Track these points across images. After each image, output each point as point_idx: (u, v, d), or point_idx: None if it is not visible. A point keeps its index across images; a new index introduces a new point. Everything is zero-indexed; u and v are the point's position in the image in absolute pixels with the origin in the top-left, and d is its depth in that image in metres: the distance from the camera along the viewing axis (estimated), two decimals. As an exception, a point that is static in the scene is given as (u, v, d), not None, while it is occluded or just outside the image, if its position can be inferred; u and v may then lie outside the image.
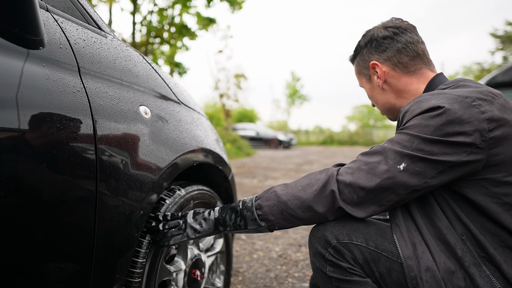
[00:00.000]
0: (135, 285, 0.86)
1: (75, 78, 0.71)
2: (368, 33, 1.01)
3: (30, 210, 0.58)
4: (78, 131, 0.67)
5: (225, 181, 1.39)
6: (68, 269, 0.67)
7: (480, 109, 0.72)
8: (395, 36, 0.95)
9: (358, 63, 1.04)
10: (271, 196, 0.87)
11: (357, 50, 1.04)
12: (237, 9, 10.32)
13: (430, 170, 0.74)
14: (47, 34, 0.68)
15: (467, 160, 0.72)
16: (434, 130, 0.73)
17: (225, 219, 0.90)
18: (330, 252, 0.82)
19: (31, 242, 0.59)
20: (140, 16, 10.08)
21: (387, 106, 1.01)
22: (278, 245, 2.48)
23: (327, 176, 0.83)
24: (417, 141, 0.74)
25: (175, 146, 0.98)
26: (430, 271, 0.74)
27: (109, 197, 0.74)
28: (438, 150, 0.72)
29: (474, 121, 0.71)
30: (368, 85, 1.04)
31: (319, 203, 0.82)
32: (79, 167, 0.67)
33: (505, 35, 15.34)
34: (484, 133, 0.71)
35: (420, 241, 0.78)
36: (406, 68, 0.94)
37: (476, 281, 0.73)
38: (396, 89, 0.96)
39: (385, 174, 0.76)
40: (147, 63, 1.05)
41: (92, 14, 0.91)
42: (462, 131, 0.71)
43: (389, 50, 0.95)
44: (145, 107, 0.91)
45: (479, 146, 0.71)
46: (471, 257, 0.75)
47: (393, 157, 0.76)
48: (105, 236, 0.73)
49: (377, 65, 0.97)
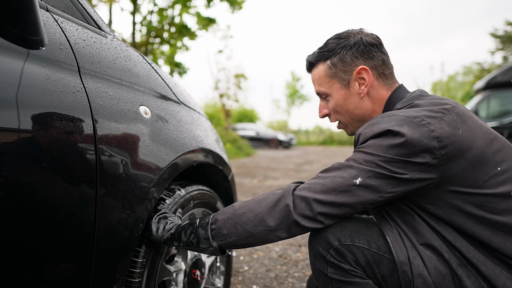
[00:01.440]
0: (135, 285, 0.86)
1: (75, 78, 0.71)
2: (349, 35, 0.94)
3: (30, 210, 0.58)
4: (78, 131, 0.67)
5: (225, 181, 1.39)
6: (68, 269, 0.67)
7: (429, 127, 0.74)
8: (380, 47, 0.94)
9: (334, 64, 0.94)
10: (228, 210, 0.86)
11: (332, 51, 0.95)
12: (237, 9, 10.32)
13: (385, 185, 0.76)
14: (47, 34, 0.68)
15: (420, 178, 0.75)
16: (387, 150, 0.75)
17: (181, 234, 0.87)
18: (331, 254, 0.81)
19: (31, 242, 0.59)
20: (140, 16, 10.08)
21: (359, 117, 0.96)
22: (278, 245, 2.48)
23: (283, 191, 0.83)
24: (372, 158, 0.76)
25: (175, 146, 0.98)
26: (421, 277, 0.75)
27: (109, 197, 0.74)
28: (391, 168, 0.75)
29: (424, 140, 0.73)
30: (342, 91, 0.95)
31: (272, 217, 0.80)
32: (79, 167, 0.67)
33: (505, 35, 15.34)
34: (434, 151, 0.73)
35: (411, 246, 0.79)
36: (387, 80, 0.94)
37: (464, 282, 0.74)
38: (374, 100, 0.94)
39: (341, 187, 0.77)
40: (147, 63, 1.05)
41: (92, 14, 0.91)
42: (413, 151, 0.73)
43: (376, 58, 0.93)
44: (145, 107, 0.91)
45: (431, 163, 0.74)
46: (456, 258, 0.77)
47: (349, 172, 0.78)
48: (105, 236, 0.73)
49: (367, 70, 0.92)
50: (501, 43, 15.77)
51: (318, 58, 0.98)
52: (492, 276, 0.74)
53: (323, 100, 1.02)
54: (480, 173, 0.76)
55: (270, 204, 0.81)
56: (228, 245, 0.84)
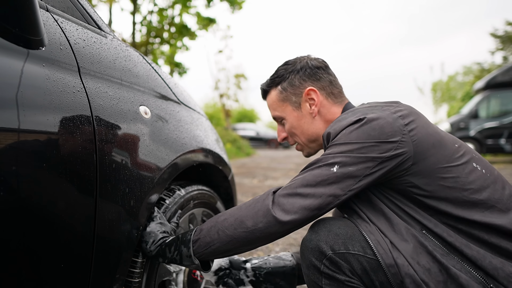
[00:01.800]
0: (135, 285, 0.86)
1: (75, 78, 0.71)
2: (296, 61, 1.01)
3: (30, 210, 0.58)
4: (78, 131, 0.67)
5: (225, 181, 1.39)
6: (68, 269, 0.67)
7: (391, 110, 0.81)
8: (326, 69, 1.01)
9: (285, 89, 1.00)
10: (212, 219, 0.86)
11: (282, 76, 1.01)
12: (237, 9, 10.31)
13: (363, 169, 0.77)
14: (47, 34, 0.68)
15: (395, 154, 0.76)
16: (358, 136, 0.78)
17: (165, 251, 0.86)
18: (325, 264, 0.78)
19: (30, 242, 0.59)
20: (140, 16, 10.07)
21: (314, 136, 1.00)
22: (278, 245, 2.48)
23: (264, 194, 0.83)
24: (346, 147, 0.78)
25: (175, 146, 0.98)
26: (408, 276, 0.74)
27: (109, 197, 0.74)
28: (367, 151, 0.77)
29: (390, 121, 0.78)
30: (295, 113, 1.00)
31: (250, 218, 0.79)
32: (79, 167, 0.67)
33: (505, 35, 15.34)
34: (402, 128, 0.78)
35: (392, 246, 0.77)
36: (336, 98, 1.00)
37: (451, 269, 0.73)
38: (326, 119, 0.99)
39: (320, 177, 0.77)
40: (147, 63, 1.05)
41: (92, 14, 0.91)
42: (383, 131, 0.77)
43: (323, 80, 0.99)
44: (145, 107, 0.91)
45: (402, 140, 0.77)
46: (439, 248, 0.76)
47: (326, 162, 0.79)
48: (105, 236, 0.73)
49: (315, 91, 0.97)
50: (501, 43, 15.78)
51: (270, 85, 1.04)
52: (477, 256, 0.74)
53: (280, 124, 1.07)
54: (445, 151, 0.80)
55: (250, 206, 0.82)
56: (213, 254, 0.83)
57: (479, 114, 8.26)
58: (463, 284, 0.72)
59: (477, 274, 0.73)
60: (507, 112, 8.08)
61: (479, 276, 0.73)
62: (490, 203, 0.77)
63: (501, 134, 7.88)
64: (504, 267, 0.72)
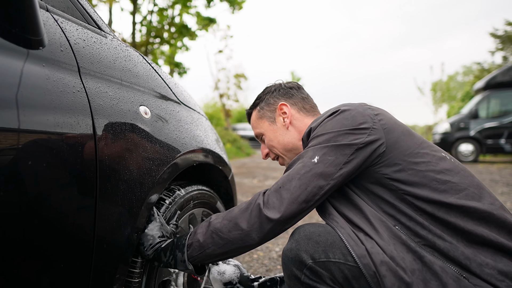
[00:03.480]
0: (135, 285, 0.86)
1: (75, 78, 0.71)
2: (272, 85, 1.16)
3: (30, 209, 0.58)
4: (78, 131, 0.67)
5: (225, 181, 1.39)
6: (68, 269, 0.67)
7: (363, 106, 0.89)
8: (299, 89, 1.14)
9: (262, 107, 1.14)
10: (205, 223, 0.87)
11: (260, 98, 1.15)
12: (237, 9, 10.32)
13: (341, 156, 0.81)
14: (47, 34, 0.68)
15: (369, 140, 0.82)
16: (333, 126, 0.85)
17: (160, 255, 0.87)
18: (305, 274, 0.77)
19: (30, 242, 0.59)
20: (140, 16, 10.08)
21: (289, 146, 1.08)
22: (278, 245, 2.48)
23: (255, 195, 0.85)
24: (323, 138, 0.84)
25: (175, 146, 0.98)
26: (384, 263, 0.72)
27: (109, 197, 0.74)
28: (342, 138, 0.82)
29: (361, 111, 0.86)
30: (271, 127, 1.11)
31: (244, 219, 0.80)
32: (79, 167, 0.67)
33: (505, 35, 15.34)
34: (372, 117, 0.85)
35: (365, 237, 0.77)
36: (309, 112, 1.11)
37: (425, 257, 0.73)
38: (299, 130, 1.08)
39: (303, 170, 0.81)
40: (147, 63, 1.05)
41: (92, 14, 0.91)
42: (355, 120, 0.84)
43: (295, 97, 1.12)
44: (145, 107, 0.91)
45: (374, 127, 0.83)
46: (412, 241, 0.76)
47: (306, 155, 0.84)
48: (105, 236, 0.73)
49: (286, 105, 1.09)
50: (501, 43, 15.77)
51: (252, 108, 1.18)
52: (449, 247, 0.74)
53: (262, 142, 1.17)
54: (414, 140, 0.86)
55: (242, 208, 0.83)
56: (208, 257, 0.84)
57: (479, 114, 8.27)
58: (438, 271, 0.71)
59: (449, 265, 0.73)
60: (507, 112, 8.08)
61: (451, 267, 0.72)
62: (463, 186, 0.79)
63: (501, 134, 7.89)
64: (476, 257, 0.72)
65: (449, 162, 0.84)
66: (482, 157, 9.58)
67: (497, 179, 5.22)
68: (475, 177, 0.85)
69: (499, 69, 8.85)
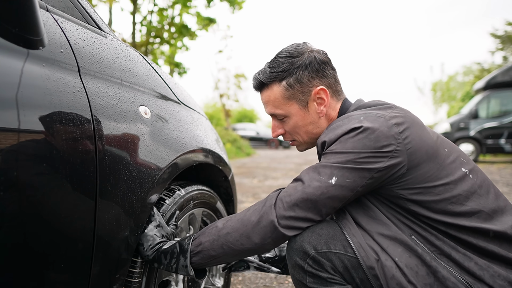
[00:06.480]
0: (135, 285, 0.86)
1: (75, 78, 0.71)
2: (302, 55, 0.92)
3: (30, 209, 0.58)
4: (78, 131, 0.67)
5: (225, 181, 1.39)
6: (68, 269, 0.67)
7: (385, 118, 0.80)
8: (331, 63, 0.95)
9: (291, 86, 0.91)
10: (211, 231, 0.86)
11: (286, 70, 0.91)
12: (237, 9, 10.31)
13: (359, 179, 0.78)
14: (47, 34, 0.68)
15: (390, 164, 0.78)
16: (354, 146, 0.79)
17: (160, 257, 0.87)
18: (309, 263, 0.82)
19: (30, 242, 0.59)
20: (140, 16, 10.07)
21: (316, 135, 0.97)
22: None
23: (265, 207, 0.83)
24: (343, 157, 0.79)
25: (175, 146, 0.98)
26: (395, 278, 0.76)
27: (108, 197, 0.74)
28: (362, 160, 0.78)
29: (385, 128, 0.78)
30: (301, 112, 0.94)
31: (257, 234, 0.81)
32: (79, 167, 0.67)
33: (505, 35, 15.34)
34: (397, 137, 0.78)
35: (380, 249, 0.79)
36: (339, 96, 0.97)
37: (439, 273, 0.75)
38: (329, 118, 0.96)
39: (319, 191, 0.79)
40: (147, 63, 1.05)
41: (92, 14, 0.91)
42: (378, 140, 0.78)
43: (329, 77, 0.93)
44: (145, 107, 0.91)
45: (397, 149, 0.78)
46: (427, 253, 0.78)
47: (323, 173, 0.80)
48: (105, 235, 0.73)
49: (325, 91, 0.92)
50: (501, 43, 15.77)
51: (271, 79, 0.93)
52: (464, 259, 0.76)
53: (277, 120, 1.00)
54: (437, 159, 0.81)
55: (253, 222, 0.82)
56: (215, 264, 0.88)
57: (479, 114, 8.26)
58: (450, 287, 0.74)
59: (462, 279, 0.75)
60: (507, 112, 8.08)
61: (464, 280, 0.74)
62: (477, 209, 0.79)
63: (501, 134, 7.88)
64: (489, 268, 0.74)
65: (468, 180, 0.82)
66: (482, 157, 9.58)
67: (497, 179, 5.22)
68: (492, 187, 0.85)
69: (499, 69, 8.85)
